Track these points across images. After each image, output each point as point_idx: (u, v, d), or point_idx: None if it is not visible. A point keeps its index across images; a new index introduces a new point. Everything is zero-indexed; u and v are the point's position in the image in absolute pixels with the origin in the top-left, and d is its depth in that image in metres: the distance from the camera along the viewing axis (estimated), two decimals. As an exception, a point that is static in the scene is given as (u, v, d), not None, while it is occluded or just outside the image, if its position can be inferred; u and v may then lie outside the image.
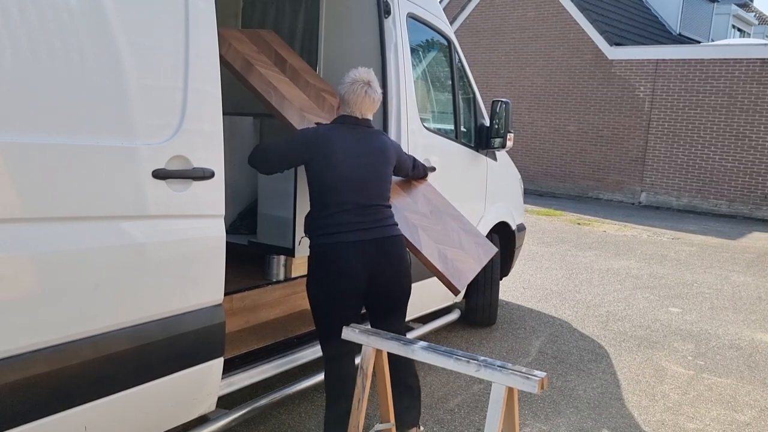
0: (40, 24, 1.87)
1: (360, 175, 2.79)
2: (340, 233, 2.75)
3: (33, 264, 1.89)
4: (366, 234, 2.78)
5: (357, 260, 2.75)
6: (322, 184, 2.78)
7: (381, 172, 2.88)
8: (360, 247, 2.76)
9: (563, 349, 4.73)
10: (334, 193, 2.77)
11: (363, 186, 2.80)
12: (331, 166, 2.76)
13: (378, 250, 2.80)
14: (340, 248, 2.74)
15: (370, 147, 2.87)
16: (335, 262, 2.75)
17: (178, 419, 2.48)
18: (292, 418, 3.47)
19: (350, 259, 2.74)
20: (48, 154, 1.90)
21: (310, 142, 2.80)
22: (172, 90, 2.24)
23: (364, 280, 2.79)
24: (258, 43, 3.60)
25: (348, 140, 2.82)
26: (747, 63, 12.22)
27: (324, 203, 2.78)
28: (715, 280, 7.20)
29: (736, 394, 4.10)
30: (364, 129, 2.90)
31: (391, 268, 2.85)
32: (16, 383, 1.87)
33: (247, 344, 3.09)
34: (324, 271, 2.78)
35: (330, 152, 2.77)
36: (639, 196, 13.67)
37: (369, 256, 2.78)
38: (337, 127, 2.87)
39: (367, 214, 2.81)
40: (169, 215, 2.26)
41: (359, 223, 2.78)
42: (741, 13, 22.02)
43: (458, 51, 4.56)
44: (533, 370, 2.29)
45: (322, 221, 2.78)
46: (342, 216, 2.76)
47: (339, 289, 2.78)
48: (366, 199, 2.81)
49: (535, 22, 14.84)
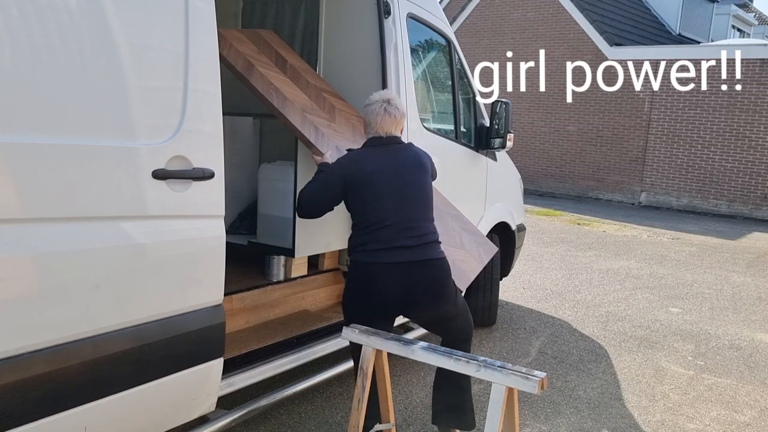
0: (40, 24, 1.87)
1: (399, 190, 2.79)
2: (378, 251, 2.73)
3: (33, 264, 1.89)
4: (405, 254, 2.74)
5: (393, 282, 2.73)
6: (363, 203, 2.78)
7: (419, 182, 2.87)
8: (397, 269, 2.73)
9: (563, 350, 4.73)
10: (374, 211, 2.76)
11: (403, 200, 2.79)
12: (368, 183, 2.76)
13: (417, 273, 2.76)
14: (375, 269, 2.73)
15: (403, 161, 2.87)
16: (370, 282, 2.74)
17: (178, 419, 2.48)
18: (292, 418, 3.47)
19: (385, 281, 2.72)
20: (48, 155, 1.90)
21: (344, 168, 2.82)
22: (172, 90, 2.24)
23: (399, 302, 2.77)
24: (258, 43, 3.60)
25: (380, 159, 2.82)
26: (747, 63, 12.21)
27: (365, 221, 2.78)
28: (715, 280, 7.20)
29: (736, 395, 4.10)
30: (393, 146, 2.90)
31: (429, 294, 2.81)
32: (17, 383, 1.87)
33: (247, 344, 3.09)
34: (358, 290, 2.78)
35: (365, 171, 2.78)
36: (639, 196, 13.67)
37: (406, 279, 2.74)
38: (367, 149, 2.89)
39: (408, 231, 2.78)
40: (169, 215, 2.26)
41: (399, 239, 2.75)
42: (741, 13, 22.01)
43: (458, 51, 4.56)
44: (533, 371, 2.29)
45: (361, 238, 2.78)
46: (381, 232, 2.74)
47: (371, 310, 2.77)
48: (408, 214, 2.79)
49: (535, 22, 14.83)
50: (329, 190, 2.86)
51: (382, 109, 2.86)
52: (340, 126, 3.46)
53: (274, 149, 4.16)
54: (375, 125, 2.88)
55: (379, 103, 2.87)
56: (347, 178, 2.80)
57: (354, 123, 3.58)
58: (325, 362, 3.47)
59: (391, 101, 2.89)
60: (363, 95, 3.74)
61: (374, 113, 2.87)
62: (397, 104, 2.90)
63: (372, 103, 2.90)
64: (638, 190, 13.65)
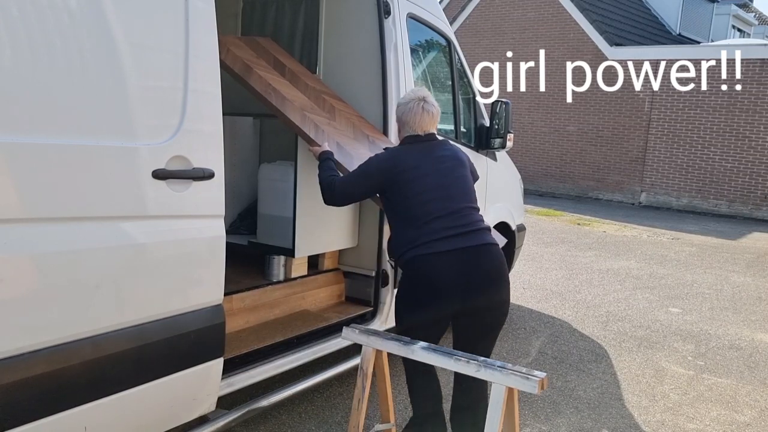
0: (40, 24, 1.87)
1: (441, 183, 2.77)
2: (432, 242, 2.67)
3: (33, 264, 1.89)
4: (461, 240, 2.69)
5: (453, 271, 2.65)
6: (406, 198, 2.74)
7: (459, 175, 2.86)
8: (456, 256, 2.66)
9: (563, 350, 4.73)
10: (420, 205, 2.72)
11: (447, 192, 2.77)
12: (411, 179, 2.74)
13: (475, 258, 2.70)
14: (433, 259, 2.65)
15: (443, 156, 2.87)
16: (431, 276, 2.66)
17: (178, 419, 2.48)
18: (292, 418, 3.47)
19: (446, 271, 2.65)
20: (48, 155, 1.90)
21: (383, 164, 2.81)
22: (172, 90, 2.24)
23: (460, 293, 2.67)
24: (256, 49, 3.61)
25: (420, 155, 2.82)
26: (747, 63, 12.21)
27: (411, 217, 2.73)
28: (715, 280, 7.20)
29: (736, 395, 4.10)
30: (431, 143, 2.90)
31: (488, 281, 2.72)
32: (17, 383, 1.87)
33: (247, 344, 3.09)
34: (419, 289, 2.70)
35: (407, 167, 2.76)
36: (639, 196, 13.67)
37: (465, 266, 2.67)
38: (404, 147, 2.88)
39: (458, 218, 2.75)
40: (169, 215, 2.26)
41: (452, 228, 2.70)
42: (741, 13, 22.01)
43: (458, 51, 4.56)
44: (533, 371, 2.29)
45: (409, 234, 2.71)
46: (431, 225, 2.70)
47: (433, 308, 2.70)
48: (454, 203, 2.76)
49: (535, 22, 14.83)
50: (366, 179, 2.83)
51: (420, 107, 2.87)
52: (340, 124, 3.46)
53: (274, 149, 4.16)
54: (413, 123, 2.88)
55: (416, 102, 2.87)
56: (387, 173, 2.77)
57: (354, 122, 3.58)
58: (325, 362, 3.47)
59: (427, 99, 2.90)
60: (363, 95, 3.76)
61: (412, 112, 2.87)
62: (432, 101, 2.91)
63: (408, 101, 2.90)
64: (638, 190, 13.65)
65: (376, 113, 3.71)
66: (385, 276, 3.70)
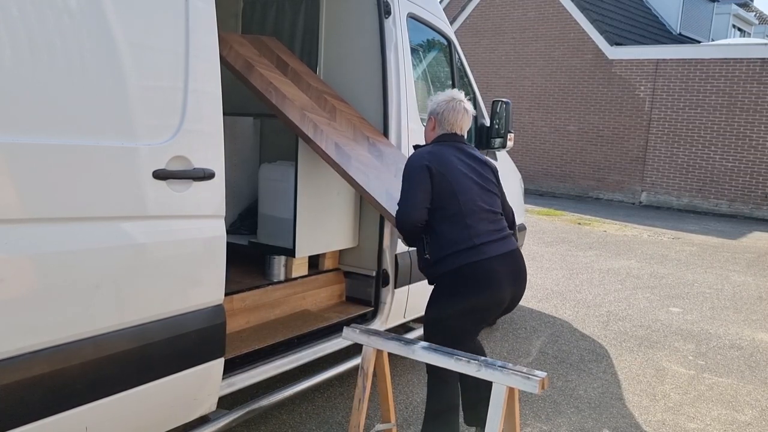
0: (40, 24, 1.87)
1: (479, 184, 2.78)
2: (485, 245, 2.66)
3: (34, 264, 1.89)
4: (505, 245, 2.73)
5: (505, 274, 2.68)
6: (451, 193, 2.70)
7: (492, 180, 2.87)
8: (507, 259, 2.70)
9: (564, 349, 4.73)
10: (465, 202, 2.70)
11: (485, 194, 2.78)
12: (453, 175, 2.72)
13: (518, 261, 2.76)
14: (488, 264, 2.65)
15: (476, 157, 2.88)
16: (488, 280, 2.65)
17: (178, 419, 2.48)
18: (293, 418, 3.47)
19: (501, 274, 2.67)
20: (48, 155, 1.90)
21: (425, 159, 2.77)
22: (172, 90, 2.24)
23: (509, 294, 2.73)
24: (259, 47, 3.60)
25: (457, 154, 2.82)
26: (747, 63, 12.21)
27: (456, 213, 2.69)
28: (716, 280, 7.20)
29: (737, 394, 4.10)
30: (464, 145, 2.91)
31: (524, 282, 2.82)
32: (17, 384, 1.87)
33: (248, 344, 3.09)
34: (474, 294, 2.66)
35: (447, 163, 2.75)
36: (639, 196, 13.67)
37: (513, 268, 2.73)
38: (442, 145, 2.86)
39: (497, 222, 2.77)
40: (170, 216, 2.26)
41: (495, 231, 2.73)
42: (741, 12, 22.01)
43: (458, 51, 4.56)
44: (534, 370, 2.30)
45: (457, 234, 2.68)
46: (480, 225, 2.70)
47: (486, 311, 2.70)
48: (493, 207, 2.78)
49: (535, 22, 14.84)
50: (423, 184, 2.73)
51: (462, 107, 2.90)
52: (340, 125, 3.46)
53: (274, 149, 4.16)
54: (454, 122, 2.89)
55: (456, 101, 2.90)
56: (431, 168, 2.73)
57: (355, 123, 3.58)
58: (326, 362, 3.47)
59: (464, 101, 2.94)
60: (363, 95, 3.76)
61: (454, 110, 2.89)
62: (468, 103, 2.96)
63: (449, 99, 2.91)
64: (639, 189, 13.65)
65: (376, 113, 3.71)
66: (386, 276, 3.70)
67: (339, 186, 3.63)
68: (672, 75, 13.01)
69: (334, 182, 3.60)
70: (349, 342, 2.94)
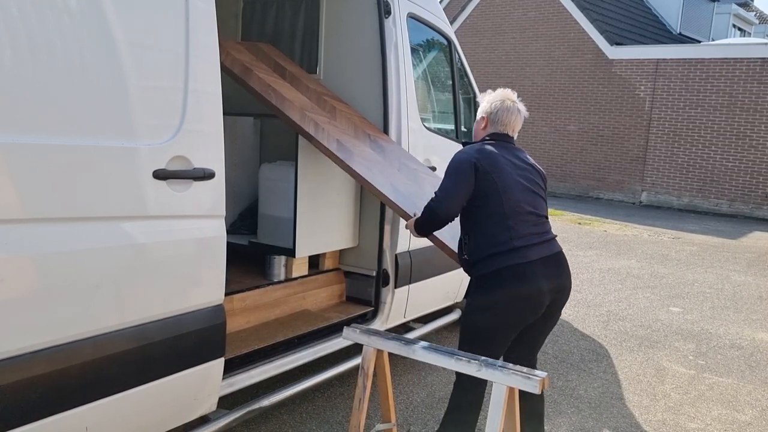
0: (40, 24, 1.87)
1: (525, 186, 2.73)
2: (526, 248, 2.63)
3: (34, 264, 1.89)
4: (545, 249, 2.69)
5: (545, 278, 2.65)
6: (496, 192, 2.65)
7: (539, 184, 2.82)
8: (549, 263, 2.67)
9: (564, 349, 4.73)
10: (509, 202, 2.65)
11: (531, 196, 2.73)
12: (500, 174, 2.67)
13: (561, 265, 2.73)
14: (530, 268, 2.61)
15: (525, 162, 2.82)
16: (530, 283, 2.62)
17: (179, 419, 2.48)
18: (293, 418, 3.47)
19: (541, 278, 2.63)
20: (49, 155, 1.90)
21: (472, 157, 2.70)
22: (172, 90, 2.24)
23: (548, 299, 2.69)
24: (257, 53, 3.62)
25: (506, 154, 2.77)
26: (747, 62, 12.21)
27: (499, 212, 2.65)
28: (716, 279, 7.20)
29: (737, 394, 4.10)
30: (514, 147, 2.86)
31: (567, 288, 2.78)
32: (18, 384, 1.87)
33: (248, 344, 3.09)
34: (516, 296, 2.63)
35: (496, 163, 2.69)
36: (640, 195, 13.66)
37: (555, 272, 2.70)
38: (491, 144, 2.80)
39: (541, 225, 2.74)
40: (170, 216, 2.26)
41: (538, 234, 2.69)
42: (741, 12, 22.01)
43: (458, 51, 4.56)
44: (534, 370, 2.30)
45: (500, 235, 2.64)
46: (522, 227, 2.65)
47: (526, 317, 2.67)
48: (537, 209, 2.74)
49: (535, 21, 14.84)
50: (465, 180, 2.68)
51: (516, 108, 2.86)
52: (341, 123, 3.46)
53: (274, 149, 4.16)
54: (507, 123, 2.85)
55: (510, 101, 2.86)
56: (478, 165, 2.67)
57: (356, 122, 3.58)
58: (326, 362, 3.47)
59: (517, 101, 2.90)
60: (363, 95, 3.76)
61: (508, 111, 2.85)
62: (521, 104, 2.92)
63: (503, 99, 2.87)
64: (639, 189, 13.65)
65: (376, 113, 3.71)
66: (386, 276, 3.70)
67: (339, 186, 3.63)
68: (672, 75, 13.00)
69: (334, 182, 3.60)
70: (350, 342, 2.94)
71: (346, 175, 3.66)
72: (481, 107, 2.95)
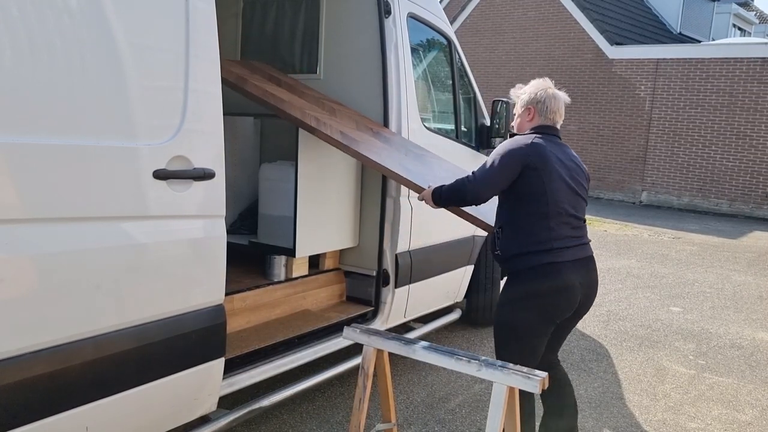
0: (40, 24, 1.87)
1: (571, 187, 2.67)
2: (562, 249, 2.61)
3: (34, 265, 1.89)
4: (579, 251, 2.68)
5: (578, 280, 2.65)
6: (542, 191, 2.59)
7: (583, 185, 2.76)
8: (581, 265, 2.67)
9: (564, 349, 4.73)
10: (554, 203, 2.61)
11: (574, 198, 2.68)
12: (548, 174, 2.60)
13: (588, 270, 2.72)
14: (565, 268, 2.60)
15: (573, 162, 2.75)
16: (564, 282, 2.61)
17: (179, 419, 2.48)
18: (294, 418, 3.47)
19: (574, 279, 2.63)
20: (49, 155, 1.90)
21: (524, 152, 2.61)
22: (172, 90, 2.24)
23: (577, 301, 2.69)
24: (251, 68, 3.67)
25: (554, 149, 2.68)
26: (748, 62, 12.21)
27: (541, 213, 2.61)
28: (716, 279, 7.20)
29: (738, 394, 4.10)
30: (561, 141, 2.78)
31: (594, 291, 2.78)
32: (18, 383, 1.87)
33: (248, 344, 3.09)
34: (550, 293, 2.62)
35: (547, 163, 2.61)
36: (640, 195, 13.66)
37: (586, 275, 2.69)
38: (543, 138, 2.69)
39: (579, 229, 2.71)
40: (170, 215, 2.26)
41: (575, 238, 2.67)
42: (741, 12, 22.01)
43: (458, 51, 4.56)
44: (534, 370, 2.30)
45: (537, 234, 2.61)
46: (561, 229, 2.62)
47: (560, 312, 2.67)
48: (578, 212, 2.70)
49: (535, 21, 14.84)
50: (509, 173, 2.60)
51: (560, 94, 2.77)
52: (342, 119, 3.47)
53: (274, 149, 4.16)
54: (556, 111, 2.76)
55: (552, 88, 2.76)
56: (528, 162, 2.59)
57: (356, 119, 3.59)
58: (327, 362, 3.47)
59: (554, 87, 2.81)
60: (363, 95, 3.77)
61: (555, 98, 2.75)
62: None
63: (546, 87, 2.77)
64: (639, 189, 13.65)
65: (376, 112, 3.71)
66: (386, 275, 3.70)
67: (339, 186, 3.64)
68: (672, 74, 13.00)
69: (335, 182, 3.60)
70: (350, 342, 2.94)
71: (347, 175, 3.67)
72: (523, 98, 2.81)
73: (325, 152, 3.47)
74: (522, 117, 2.84)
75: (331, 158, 3.53)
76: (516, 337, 2.69)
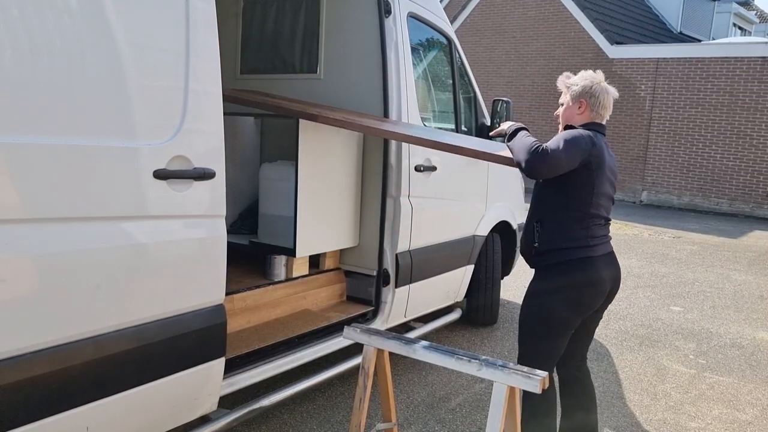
0: (40, 24, 1.87)
1: (609, 189, 2.69)
2: (593, 247, 2.64)
3: (34, 265, 1.89)
4: (607, 247, 2.73)
5: (606, 274, 2.69)
6: (590, 193, 2.59)
7: (614, 188, 2.76)
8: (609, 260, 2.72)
9: (565, 349, 4.73)
10: (595, 206, 2.62)
11: (609, 202, 2.71)
12: (599, 177, 2.58)
13: (614, 264, 2.76)
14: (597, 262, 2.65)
15: (614, 162, 2.74)
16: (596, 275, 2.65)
17: (179, 419, 2.48)
18: (294, 417, 3.47)
19: (604, 273, 2.68)
20: (49, 155, 1.90)
21: (588, 146, 2.53)
22: (172, 90, 2.24)
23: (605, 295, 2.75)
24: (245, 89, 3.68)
25: (608, 153, 2.67)
26: (748, 61, 12.21)
27: (584, 214, 2.61)
28: (717, 278, 7.19)
29: (738, 393, 4.10)
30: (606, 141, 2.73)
31: (618, 285, 2.83)
32: (18, 383, 1.87)
33: (249, 344, 3.09)
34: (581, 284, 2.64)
35: (602, 163, 2.58)
36: (640, 194, 13.66)
37: (614, 269, 2.74)
38: (597, 136, 2.62)
39: (606, 227, 2.75)
40: (170, 215, 2.26)
41: (604, 237, 2.72)
42: (742, 11, 22.00)
43: (459, 50, 4.56)
44: (534, 370, 2.29)
45: (578, 232, 2.62)
46: (596, 229, 2.66)
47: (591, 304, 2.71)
48: (609, 214, 2.75)
49: (535, 21, 14.83)
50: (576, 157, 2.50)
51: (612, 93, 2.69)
52: (342, 113, 3.48)
53: (275, 149, 4.16)
54: (608, 106, 2.67)
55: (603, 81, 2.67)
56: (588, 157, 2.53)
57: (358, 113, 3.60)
58: (327, 362, 3.48)
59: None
60: (364, 95, 3.77)
61: (606, 92, 2.65)
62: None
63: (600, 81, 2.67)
64: (639, 188, 13.65)
65: (377, 112, 3.71)
66: (386, 275, 3.70)
67: (340, 185, 3.64)
68: (672, 74, 13.00)
69: (335, 182, 3.60)
70: (350, 341, 2.94)
71: (347, 174, 3.67)
72: (575, 89, 2.68)
73: (325, 152, 3.47)
74: (571, 109, 2.71)
75: (332, 158, 3.54)
76: (548, 327, 2.70)
